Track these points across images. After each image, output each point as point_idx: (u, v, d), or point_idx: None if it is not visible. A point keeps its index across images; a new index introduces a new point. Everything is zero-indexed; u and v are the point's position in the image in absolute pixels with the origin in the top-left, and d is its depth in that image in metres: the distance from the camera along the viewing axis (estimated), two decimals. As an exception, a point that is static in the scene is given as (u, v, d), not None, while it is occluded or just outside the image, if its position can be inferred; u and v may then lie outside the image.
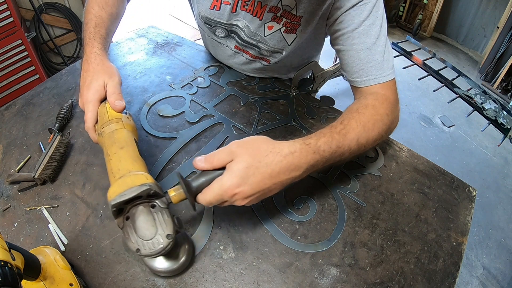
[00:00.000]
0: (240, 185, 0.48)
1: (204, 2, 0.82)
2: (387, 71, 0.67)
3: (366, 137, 0.60)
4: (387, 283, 0.58)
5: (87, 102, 0.59)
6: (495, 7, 2.98)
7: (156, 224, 0.47)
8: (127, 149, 0.52)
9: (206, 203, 0.50)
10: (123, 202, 0.46)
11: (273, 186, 0.51)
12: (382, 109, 0.63)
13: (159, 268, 0.54)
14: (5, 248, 0.39)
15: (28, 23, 2.27)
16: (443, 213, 0.70)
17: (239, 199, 0.50)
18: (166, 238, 0.46)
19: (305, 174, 0.54)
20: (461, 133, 2.50)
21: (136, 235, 0.46)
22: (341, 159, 0.59)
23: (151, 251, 0.46)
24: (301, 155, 0.52)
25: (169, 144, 0.79)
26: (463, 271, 1.67)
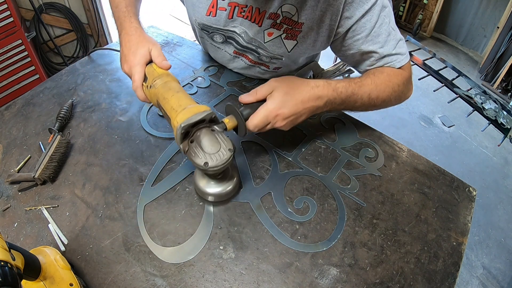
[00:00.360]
0: (280, 108, 0.60)
1: (199, 9, 0.81)
2: (399, 57, 0.73)
3: (377, 95, 0.71)
4: (387, 283, 0.58)
5: (135, 65, 0.66)
6: (495, 7, 2.98)
7: (219, 141, 0.56)
8: (183, 92, 0.61)
9: (253, 126, 0.61)
10: (192, 124, 0.55)
11: (303, 111, 0.64)
12: (396, 79, 0.73)
13: (211, 191, 0.64)
14: (5, 248, 0.39)
15: (28, 23, 2.27)
16: (443, 213, 0.70)
17: (280, 120, 0.62)
18: (228, 151, 0.56)
19: (326, 107, 0.67)
20: (461, 133, 2.50)
21: (203, 151, 0.55)
22: (354, 106, 0.71)
23: (218, 161, 0.55)
24: (324, 89, 0.64)
25: (169, 144, 0.79)
26: (463, 271, 1.67)
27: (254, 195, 0.69)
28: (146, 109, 0.88)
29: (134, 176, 0.73)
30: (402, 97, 0.77)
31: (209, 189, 0.64)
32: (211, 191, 0.64)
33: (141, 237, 0.62)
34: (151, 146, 0.79)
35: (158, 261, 0.59)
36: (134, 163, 0.75)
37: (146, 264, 0.59)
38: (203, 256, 0.60)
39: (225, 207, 0.68)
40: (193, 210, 0.67)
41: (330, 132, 0.85)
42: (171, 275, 0.58)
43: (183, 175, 0.73)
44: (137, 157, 0.76)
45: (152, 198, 0.68)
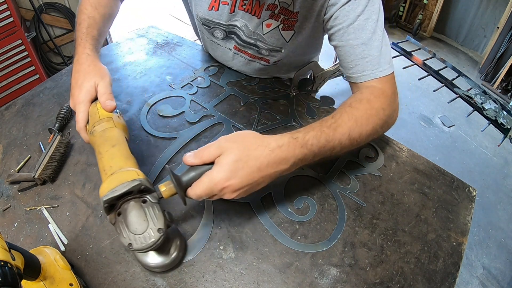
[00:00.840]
0: (229, 179, 0.49)
1: (201, 3, 0.82)
2: (384, 65, 0.66)
3: (359, 132, 0.59)
4: (387, 283, 0.58)
5: (79, 103, 0.60)
6: (495, 7, 2.98)
7: (147, 219, 0.48)
8: (119, 147, 0.54)
9: (196, 197, 0.51)
10: (115, 197, 0.47)
11: (261, 180, 0.52)
12: (378, 103, 0.63)
13: (152, 263, 0.55)
14: (5, 248, 0.39)
15: (28, 23, 2.27)
16: (443, 213, 0.70)
17: (228, 192, 0.51)
18: (157, 232, 0.47)
19: (293, 168, 0.55)
20: (461, 133, 2.50)
21: (127, 230, 0.47)
22: (332, 154, 0.59)
23: (143, 245, 0.47)
24: (289, 149, 0.53)
25: (169, 144, 0.79)
26: (463, 271, 1.67)
27: (254, 195, 0.69)
28: (146, 109, 0.88)
29: (134, 176, 0.72)
30: (389, 122, 0.66)
31: (151, 261, 0.55)
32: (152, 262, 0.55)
33: (141, 237, 0.62)
34: (151, 146, 0.79)
35: (158, 261, 0.59)
36: (134, 163, 0.75)
37: (146, 264, 0.59)
38: (203, 256, 0.60)
39: (225, 207, 0.68)
40: (193, 210, 0.67)
41: (330, 132, 0.85)
42: (171, 275, 0.58)
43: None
44: (137, 157, 0.76)
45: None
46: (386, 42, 0.67)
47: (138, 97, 0.93)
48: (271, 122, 0.86)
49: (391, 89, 0.66)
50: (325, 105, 0.94)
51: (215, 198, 0.53)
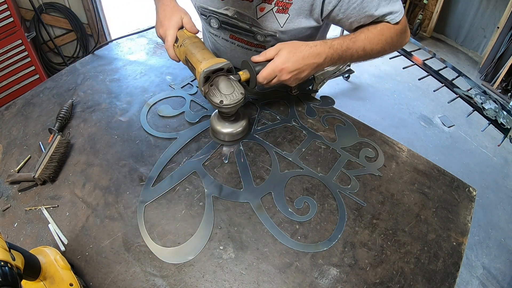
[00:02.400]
0: (285, 63, 0.71)
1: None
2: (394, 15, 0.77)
3: (371, 48, 0.79)
4: (387, 283, 0.58)
5: (169, 28, 0.77)
6: (495, 7, 2.98)
7: (233, 86, 0.70)
8: (208, 50, 0.74)
9: (262, 78, 0.72)
10: (212, 70, 0.68)
11: (305, 67, 0.72)
12: (388, 32, 0.79)
13: (224, 131, 0.77)
14: (5, 248, 0.39)
15: (28, 23, 2.27)
16: (443, 213, 0.70)
17: (285, 73, 0.72)
18: (240, 94, 0.70)
19: (326, 63, 0.75)
20: (461, 133, 2.50)
21: (219, 92, 0.69)
22: (352, 59, 0.79)
23: (231, 100, 0.68)
24: (321, 47, 0.73)
25: (169, 144, 0.79)
26: (463, 271, 1.67)
27: (254, 195, 0.69)
28: (146, 109, 0.88)
29: (134, 176, 0.73)
30: (397, 46, 0.84)
31: (223, 129, 0.77)
32: (225, 130, 0.77)
33: (141, 237, 0.62)
34: (151, 146, 0.79)
35: (158, 261, 0.59)
36: (134, 163, 0.75)
37: (146, 264, 0.59)
38: (203, 256, 0.60)
39: (225, 207, 0.68)
40: (193, 210, 0.67)
41: (330, 132, 0.85)
42: (171, 275, 0.58)
43: (183, 175, 0.73)
44: (137, 157, 0.76)
45: (152, 198, 0.68)
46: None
47: (138, 97, 0.93)
48: (271, 122, 0.86)
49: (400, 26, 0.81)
50: (325, 105, 0.94)
51: (275, 81, 0.73)
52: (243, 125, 0.79)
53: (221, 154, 0.78)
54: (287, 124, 0.86)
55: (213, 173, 0.73)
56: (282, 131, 0.84)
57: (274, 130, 0.84)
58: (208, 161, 0.76)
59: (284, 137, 0.83)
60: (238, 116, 0.79)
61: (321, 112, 0.91)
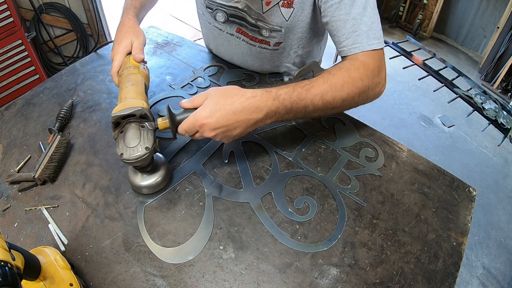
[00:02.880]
0: (208, 117, 0.58)
1: None
2: (372, 40, 0.68)
3: (333, 96, 0.65)
4: (387, 283, 0.58)
5: (116, 54, 0.74)
6: (495, 7, 2.98)
7: (140, 138, 0.60)
8: (136, 87, 0.67)
9: (182, 130, 0.62)
10: (120, 116, 0.59)
11: (236, 124, 0.60)
12: (356, 73, 0.67)
13: (140, 184, 0.67)
14: (5, 248, 0.39)
15: (28, 23, 2.27)
16: (443, 213, 0.70)
17: (207, 130, 0.60)
18: (144, 149, 0.60)
19: (268, 119, 0.63)
20: (461, 133, 2.50)
21: (123, 143, 0.60)
22: (307, 112, 0.65)
23: (131, 156, 0.59)
24: (262, 99, 0.60)
25: (169, 144, 0.79)
26: (463, 271, 1.67)
27: (254, 195, 0.69)
28: (146, 109, 0.88)
29: (134, 176, 0.73)
30: (369, 93, 0.70)
31: (141, 182, 0.67)
32: (143, 183, 0.67)
33: (141, 237, 0.62)
34: (151, 146, 0.79)
35: (158, 261, 0.59)
36: (134, 163, 0.75)
37: (146, 264, 0.59)
38: (203, 256, 0.60)
39: (225, 207, 0.68)
40: (193, 210, 0.67)
41: (330, 132, 0.85)
42: (171, 275, 0.58)
43: (183, 175, 0.73)
44: (137, 157, 0.76)
45: (152, 198, 0.68)
46: (376, 20, 0.70)
47: (138, 97, 0.93)
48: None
49: (374, 64, 0.69)
50: (325, 105, 0.94)
51: (198, 136, 0.62)
52: (162, 175, 0.68)
53: (221, 154, 0.78)
54: (287, 124, 0.86)
55: (213, 173, 0.73)
56: (282, 131, 0.84)
57: (274, 130, 0.84)
58: (208, 161, 0.76)
59: (284, 137, 0.83)
60: (155, 166, 0.68)
61: (321, 112, 0.91)
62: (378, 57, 0.70)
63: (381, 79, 0.72)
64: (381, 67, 0.71)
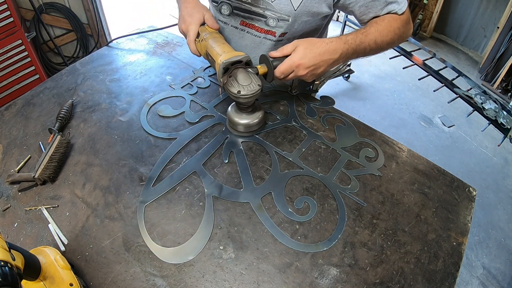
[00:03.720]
0: (302, 59, 0.74)
1: None
2: (401, 4, 0.81)
3: (381, 40, 0.82)
4: (387, 283, 0.58)
5: (191, 24, 0.82)
6: (495, 7, 2.98)
7: (251, 78, 0.73)
8: (228, 44, 0.78)
9: (280, 73, 0.76)
10: (231, 62, 0.73)
11: (321, 63, 0.75)
12: (395, 24, 0.83)
13: (242, 122, 0.80)
14: (5, 248, 0.39)
15: (28, 23, 2.27)
16: (443, 213, 0.70)
17: (302, 69, 0.75)
18: (257, 86, 0.73)
19: (341, 59, 0.78)
20: (461, 133, 2.50)
21: (237, 83, 0.72)
22: (365, 53, 0.82)
23: (249, 91, 0.72)
24: (337, 43, 0.76)
25: (169, 145, 0.79)
26: (463, 271, 1.67)
27: (254, 195, 0.69)
28: (146, 109, 0.88)
29: (134, 176, 0.73)
30: (404, 37, 0.87)
31: (241, 121, 0.80)
32: (242, 121, 0.80)
33: (141, 237, 0.62)
34: (151, 146, 0.79)
35: (158, 261, 0.59)
36: (134, 163, 0.75)
37: (146, 264, 0.59)
38: (203, 256, 0.60)
39: (225, 207, 0.68)
40: (193, 210, 0.67)
41: (330, 132, 0.85)
42: (171, 275, 0.58)
43: (183, 175, 0.73)
44: (137, 157, 0.76)
45: (152, 199, 0.68)
46: None
47: (138, 97, 0.93)
48: (271, 122, 0.86)
49: (406, 17, 0.85)
50: (325, 105, 0.94)
51: (292, 76, 0.76)
52: (259, 116, 0.81)
53: (221, 154, 0.78)
54: (287, 124, 0.86)
55: (213, 173, 0.73)
56: (282, 131, 0.84)
57: (274, 130, 0.84)
58: (208, 161, 0.76)
59: (284, 137, 0.83)
60: (254, 108, 0.81)
61: (321, 112, 0.91)
62: (407, 12, 0.85)
63: (411, 26, 0.89)
64: (410, 18, 0.87)
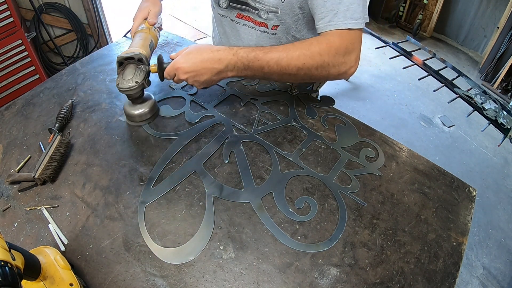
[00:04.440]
0: (182, 63, 0.74)
1: None
2: (349, 20, 0.70)
3: (287, 62, 0.72)
4: (387, 283, 0.58)
5: (137, 18, 0.90)
6: (495, 7, 2.98)
7: (134, 74, 0.78)
8: (143, 41, 0.83)
9: (166, 74, 0.78)
10: (123, 58, 0.77)
11: (203, 71, 0.74)
12: (317, 48, 0.71)
13: (132, 112, 0.82)
14: (5, 248, 0.39)
15: (28, 23, 2.27)
16: (443, 213, 0.70)
17: (181, 73, 0.75)
18: (134, 83, 0.77)
19: (229, 72, 0.75)
20: (461, 133, 2.50)
21: (121, 76, 0.78)
22: (264, 73, 0.75)
23: (124, 85, 0.77)
24: (224, 53, 0.73)
25: (169, 145, 0.79)
26: (463, 271, 1.67)
27: (255, 196, 0.69)
28: (146, 109, 0.88)
29: (134, 176, 0.73)
30: (330, 70, 0.73)
31: (134, 111, 0.83)
32: (136, 112, 0.83)
33: (141, 237, 0.62)
34: (151, 146, 0.79)
35: (158, 261, 0.59)
36: (134, 163, 0.75)
37: (146, 264, 0.59)
38: (203, 256, 0.60)
39: (225, 207, 0.68)
40: (193, 210, 0.67)
41: (330, 132, 0.85)
42: (171, 275, 0.58)
43: (183, 176, 0.73)
44: (137, 157, 0.76)
45: (153, 199, 0.68)
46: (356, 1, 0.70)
47: (138, 97, 0.93)
48: (271, 122, 0.86)
49: (341, 42, 0.71)
50: (325, 105, 0.94)
51: (176, 79, 0.78)
52: (149, 106, 0.84)
53: (222, 154, 0.78)
54: (287, 124, 0.86)
55: (214, 173, 0.73)
56: (282, 131, 0.84)
57: (274, 130, 0.84)
58: (208, 161, 0.76)
59: (284, 137, 0.83)
60: (143, 100, 0.85)
61: (321, 112, 0.91)
62: (349, 38, 0.71)
63: (348, 59, 0.73)
64: (351, 48, 0.72)
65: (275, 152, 0.78)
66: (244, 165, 0.75)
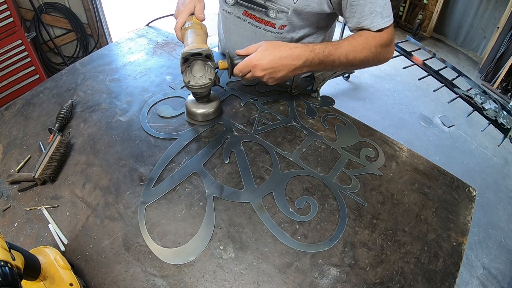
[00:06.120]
0: (260, 59, 0.73)
1: None
2: (385, 19, 0.79)
3: (354, 56, 0.79)
4: (387, 283, 0.58)
5: (182, 13, 0.85)
6: (495, 8, 2.98)
7: (205, 71, 0.76)
8: (201, 37, 0.81)
9: (238, 70, 0.77)
10: (190, 54, 0.74)
11: (281, 67, 0.74)
12: (373, 41, 0.80)
13: (198, 111, 0.83)
14: (5, 248, 0.39)
15: (28, 23, 2.27)
16: (443, 213, 0.70)
17: (258, 70, 0.74)
18: (208, 79, 0.76)
19: (305, 67, 0.76)
20: (461, 133, 2.50)
21: (191, 73, 0.75)
22: (334, 66, 0.80)
23: (197, 83, 0.75)
24: (301, 50, 0.75)
25: (169, 145, 0.79)
26: (463, 271, 1.67)
27: (255, 196, 0.69)
28: (146, 109, 0.88)
29: (134, 176, 0.73)
30: (381, 58, 0.84)
31: (197, 110, 0.83)
32: (198, 111, 0.83)
33: (142, 237, 0.62)
34: (151, 146, 0.79)
35: (158, 261, 0.59)
36: (134, 163, 0.75)
37: (146, 264, 0.59)
38: (203, 256, 0.60)
39: (225, 207, 0.68)
40: (193, 210, 0.67)
41: (330, 132, 0.85)
42: (171, 275, 0.58)
43: (183, 176, 0.73)
44: (137, 157, 0.76)
45: (153, 199, 0.68)
46: (386, 1, 0.79)
47: (138, 97, 0.93)
48: (271, 122, 0.86)
49: (387, 36, 0.82)
50: (325, 105, 0.94)
51: (249, 76, 0.77)
52: (214, 106, 0.84)
53: (222, 154, 0.78)
54: (287, 124, 0.86)
55: (214, 173, 0.73)
56: (282, 131, 0.84)
57: (274, 130, 0.84)
58: (208, 161, 0.76)
59: (285, 137, 0.83)
60: (209, 99, 0.84)
61: (321, 112, 0.91)
62: (390, 31, 0.82)
63: (392, 49, 0.86)
64: (392, 39, 0.84)
65: (275, 152, 0.78)
66: (244, 165, 0.75)
